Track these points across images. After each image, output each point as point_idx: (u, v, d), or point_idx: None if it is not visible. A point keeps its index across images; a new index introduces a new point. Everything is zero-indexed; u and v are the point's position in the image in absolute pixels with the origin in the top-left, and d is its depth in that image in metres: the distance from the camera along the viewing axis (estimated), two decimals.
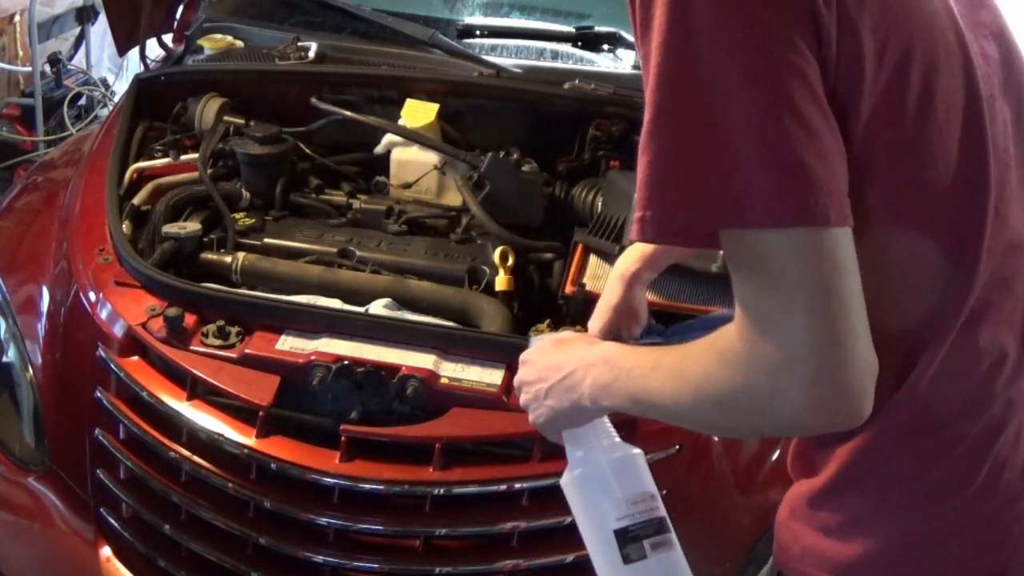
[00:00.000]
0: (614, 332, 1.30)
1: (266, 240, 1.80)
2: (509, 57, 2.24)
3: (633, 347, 1.02)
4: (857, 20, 0.82)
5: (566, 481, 1.12)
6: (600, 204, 1.82)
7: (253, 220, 1.84)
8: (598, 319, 1.31)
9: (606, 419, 1.12)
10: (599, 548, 1.07)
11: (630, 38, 2.21)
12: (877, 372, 0.83)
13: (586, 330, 1.56)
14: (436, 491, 1.44)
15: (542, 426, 1.11)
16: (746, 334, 0.82)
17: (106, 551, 1.60)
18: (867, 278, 0.82)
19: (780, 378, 0.81)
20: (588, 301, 1.60)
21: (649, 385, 0.94)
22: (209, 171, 1.91)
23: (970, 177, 0.90)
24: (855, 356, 0.81)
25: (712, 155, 0.80)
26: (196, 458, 1.49)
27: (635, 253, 1.30)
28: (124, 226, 1.74)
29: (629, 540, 1.04)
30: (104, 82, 4.39)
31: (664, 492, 1.13)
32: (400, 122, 1.97)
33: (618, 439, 1.12)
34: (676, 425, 0.99)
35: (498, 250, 1.73)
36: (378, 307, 1.60)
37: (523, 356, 1.15)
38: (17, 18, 4.12)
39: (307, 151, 2.01)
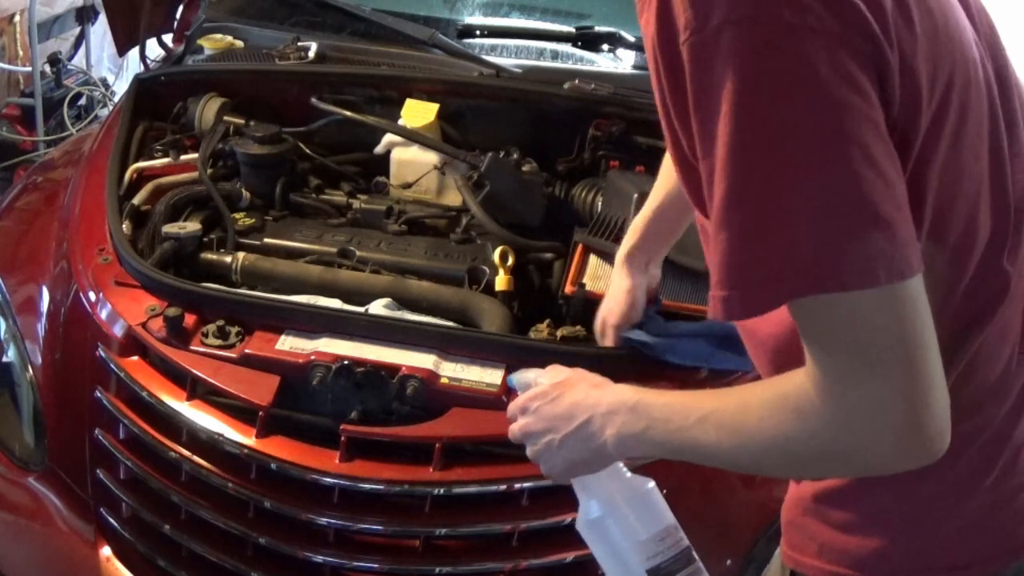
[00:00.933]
0: (631, 314, 1.39)
1: (266, 240, 1.80)
2: (509, 57, 2.24)
3: (660, 392, 0.99)
4: (913, 56, 0.83)
5: (583, 525, 1.10)
6: (600, 204, 1.82)
7: (253, 220, 1.84)
8: (615, 303, 1.38)
9: None
10: None
11: (630, 38, 2.21)
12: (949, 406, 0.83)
13: (586, 331, 1.57)
14: (436, 491, 1.44)
15: (557, 476, 1.09)
16: (829, 391, 0.82)
17: (106, 551, 1.60)
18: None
19: (869, 432, 0.81)
20: (588, 301, 1.61)
21: (697, 437, 0.93)
22: (209, 171, 1.90)
23: (994, 179, 0.92)
24: (938, 400, 0.81)
25: (798, 225, 0.79)
26: (196, 458, 1.49)
27: (632, 236, 1.39)
28: (124, 226, 1.73)
29: None
30: (104, 82, 4.39)
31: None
32: (400, 122, 1.97)
33: (630, 474, 1.10)
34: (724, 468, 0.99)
35: (498, 250, 1.73)
36: (378, 307, 1.60)
37: (520, 403, 1.10)
38: (17, 18, 4.12)
39: (307, 151, 2.01)
